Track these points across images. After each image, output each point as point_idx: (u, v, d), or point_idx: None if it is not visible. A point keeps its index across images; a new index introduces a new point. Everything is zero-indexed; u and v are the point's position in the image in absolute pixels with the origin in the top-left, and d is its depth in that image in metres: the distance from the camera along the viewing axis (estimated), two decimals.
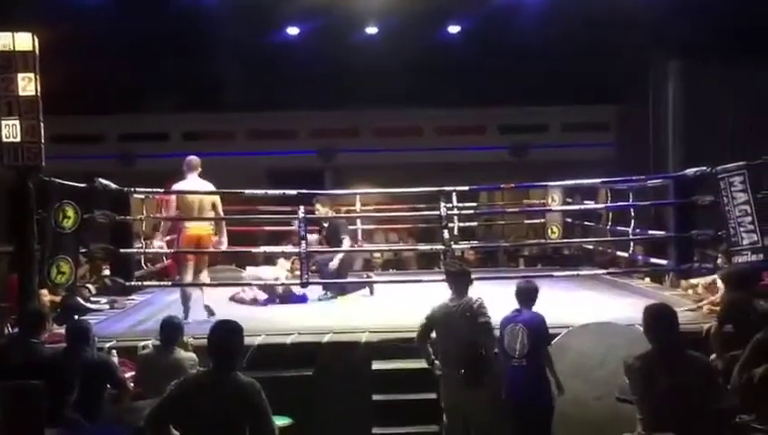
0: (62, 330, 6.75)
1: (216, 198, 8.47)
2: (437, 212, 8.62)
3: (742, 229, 7.29)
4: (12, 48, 6.97)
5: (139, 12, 14.53)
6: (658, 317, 4.58)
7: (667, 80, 13.84)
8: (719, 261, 8.00)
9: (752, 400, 4.62)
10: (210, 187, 8.50)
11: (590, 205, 11.18)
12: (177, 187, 8.45)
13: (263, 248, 9.67)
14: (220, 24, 16.34)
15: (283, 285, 9.27)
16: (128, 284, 8.30)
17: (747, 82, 13.36)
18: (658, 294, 9.11)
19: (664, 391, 4.36)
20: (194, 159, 8.53)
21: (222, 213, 8.62)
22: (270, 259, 10.82)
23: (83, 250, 7.82)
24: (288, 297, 9.33)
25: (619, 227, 10.34)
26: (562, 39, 14.62)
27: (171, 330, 6.00)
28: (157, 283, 9.78)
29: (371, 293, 9.78)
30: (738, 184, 7.35)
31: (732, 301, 6.22)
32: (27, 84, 6.95)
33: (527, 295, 6.42)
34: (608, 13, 13.34)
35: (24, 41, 6.99)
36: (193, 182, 8.44)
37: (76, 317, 7.33)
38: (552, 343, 6.61)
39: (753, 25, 12.57)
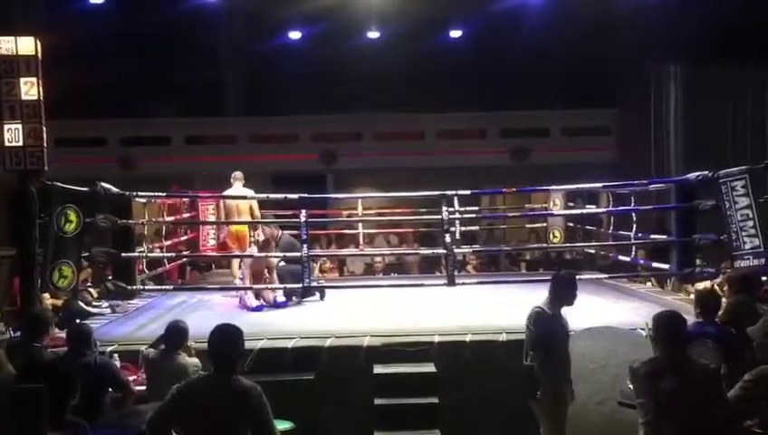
0: (63, 334, 6.76)
1: (254, 203, 10.20)
2: (439, 216, 8.62)
3: (743, 234, 7.29)
4: (15, 52, 6.99)
5: (142, 16, 14.57)
6: (668, 324, 4.60)
7: (668, 83, 13.85)
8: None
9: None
10: (251, 193, 10.17)
11: (592, 209, 11.18)
12: (224, 194, 10.34)
13: (264, 254, 9.65)
14: (222, 29, 16.43)
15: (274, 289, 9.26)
16: (129, 287, 8.30)
17: (748, 84, 13.38)
18: (660, 298, 9.11)
19: (667, 396, 4.38)
20: (238, 172, 10.39)
21: (259, 215, 10.33)
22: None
23: (85, 254, 7.83)
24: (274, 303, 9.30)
25: (620, 232, 10.34)
26: (563, 43, 14.65)
27: (176, 334, 5.99)
28: (158, 287, 9.79)
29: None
30: (740, 188, 7.36)
31: (734, 305, 6.21)
32: (30, 88, 6.97)
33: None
34: (608, 17, 13.38)
35: (26, 45, 7.01)
36: (236, 190, 10.25)
37: (78, 321, 7.33)
38: None
39: (754, 28, 12.60)
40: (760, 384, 4.47)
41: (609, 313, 8.21)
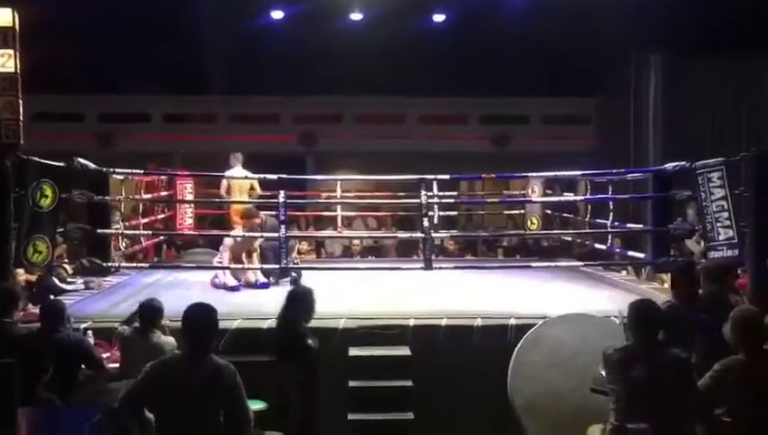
0: (37, 310, 6.72)
1: (255, 182, 10.75)
2: (418, 200, 8.63)
3: (718, 225, 7.34)
4: None
5: None
6: (642, 312, 4.66)
7: (648, 73, 13.90)
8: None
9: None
10: (248, 174, 10.55)
11: (569, 197, 11.23)
12: (226, 174, 10.59)
13: (242, 232, 9.62)
14: (204, 6, 16.24)
15: (250, 269, 9.27)
16: (105, 264, 8.24)
17: (728, 76, 13.46)
18: (635, 287, 9.19)
19: (639, 382, 4.44)
20: (238, 154, 10.88)
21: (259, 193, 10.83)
22: None
23: (61, 230, 7.76)
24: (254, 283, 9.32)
25: (597, 220, 10.40)
26: (544, 31, 14.63)
27: (151, 312, 5.97)
28: (134, 264, 9.74)
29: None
30: (716, 180, 7.39)
31: (709, 295, 6.27)
32: (7, 61, 6.89)
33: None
34: (590, 5, 13.37)
35: (4, 16, 6.92)
36: (237, 171, 10.63)
37: (51, 297, 7.28)
38: (529, 333, 6.65)
39: (734, 20, 12.66)
40: (730, 373, 4.53)
41: (583, 300, 8.27)
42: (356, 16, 15.18)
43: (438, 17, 16.04)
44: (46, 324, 5.81)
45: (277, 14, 15.58)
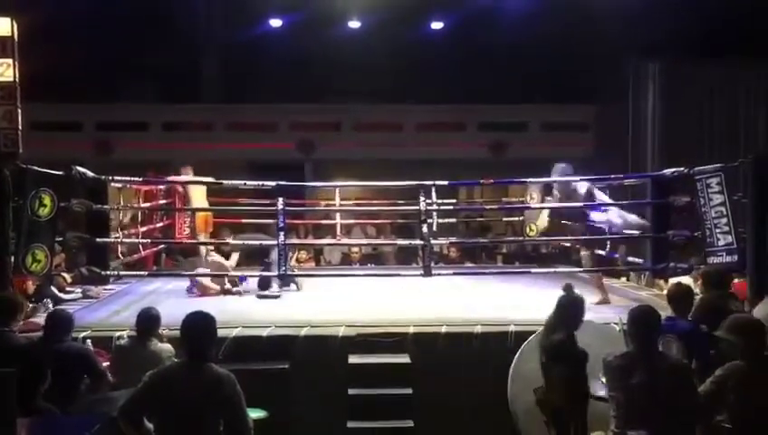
0: (36, 319, 6.72)
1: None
2: (417, 207, 8.62)
3: (717, 231, 7.35)
4: None
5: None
6: (642, 319, 4.66)
7: (646, 80, 13.91)
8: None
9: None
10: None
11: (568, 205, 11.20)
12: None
13: (240, 241, 9.61)
14: (202, 14, 16.29)
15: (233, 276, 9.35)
16: (103, 273, 8.23)
17: (726, 82, 13.48)
18: (634, 293, 9.18)
19: (639, 389, 4.43)
20: (187, 166, 10.90)
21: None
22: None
23: (59, 239, 7.75)
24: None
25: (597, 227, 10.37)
26: (543, 38, 14.68)
27: (148, 321, 5.95)
28: (133, 273, 9.73)
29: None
30: (715, 186, 7.41)
31: (708, 300, 6.27)
32: (5, 70, 6.91)
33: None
34: (588, 12, 13.41)
35: (2, 26, 6.93)
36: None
37: (51, 306, 7.27)
38: (528, 340, 6.64)
39: (733, 26, 12.70)
40: (729, 378, 4.53)
41: None
42: (354, 24, 15.21)
43: (436, 25, 16.08)
44: (50, 334, 5.79)
45: (276, 22, 15.61)
